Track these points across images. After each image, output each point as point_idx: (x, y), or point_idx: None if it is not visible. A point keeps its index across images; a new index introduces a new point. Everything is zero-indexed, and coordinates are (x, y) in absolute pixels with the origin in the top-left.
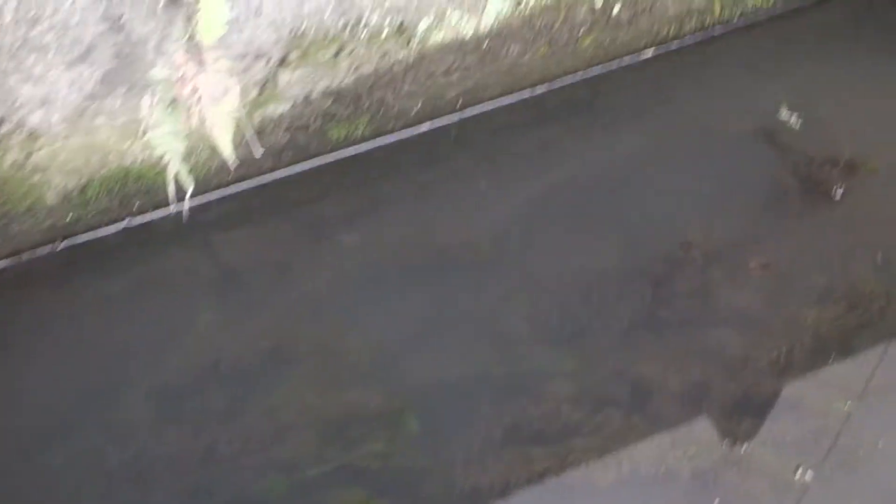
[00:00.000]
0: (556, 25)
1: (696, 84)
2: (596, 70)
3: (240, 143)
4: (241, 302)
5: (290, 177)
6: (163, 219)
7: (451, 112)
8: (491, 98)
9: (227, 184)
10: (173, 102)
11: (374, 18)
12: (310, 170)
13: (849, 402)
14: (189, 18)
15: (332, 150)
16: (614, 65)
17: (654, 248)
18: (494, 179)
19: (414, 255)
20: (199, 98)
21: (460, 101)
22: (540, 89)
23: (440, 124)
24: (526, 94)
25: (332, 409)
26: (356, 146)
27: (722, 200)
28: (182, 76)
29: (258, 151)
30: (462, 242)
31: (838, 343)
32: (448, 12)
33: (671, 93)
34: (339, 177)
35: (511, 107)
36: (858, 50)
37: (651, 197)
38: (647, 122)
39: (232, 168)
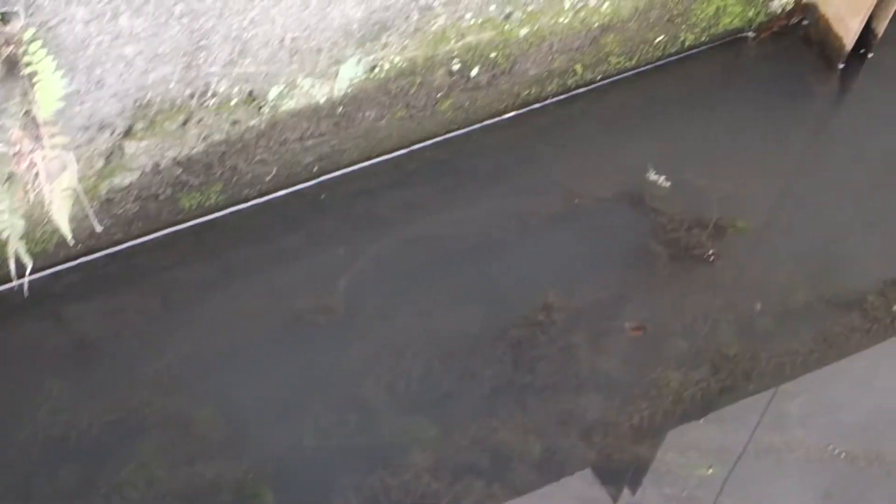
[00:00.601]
0: (413, 89)
1: (560, 145)
2: (457, 132)
3: (82, 217)
4: (92, 373)
5: (141, 245)
6: (9, 291)
7: (307, 178)
8: (349, 163)
9: (77, 255)
10: (10, 178)
11: (223, 87)
12: (162, 238)
13: (712, 468)
14: (25, 93)
15: (184, 219)
16: (475, 126)
17: (517, 312)
18: (354, 243)
19: (270, 323)
20: (36, 174)
21: (317, 167)
22: (400, 152)
23: (297, 190)
24: (385, 157)
25: (183, 483)
26: (211, 213)
27: (586, 263)
28: (18, 151)
29: (98, 226)
30: (320, 308)
31: (702, 407)
32: (299, 79)
33: (534, 154)
34: (193, 244)
35: (370, 170)
36: (724, 105)
37: (514, 259)
38: (509, 184)
39: (72, 243)
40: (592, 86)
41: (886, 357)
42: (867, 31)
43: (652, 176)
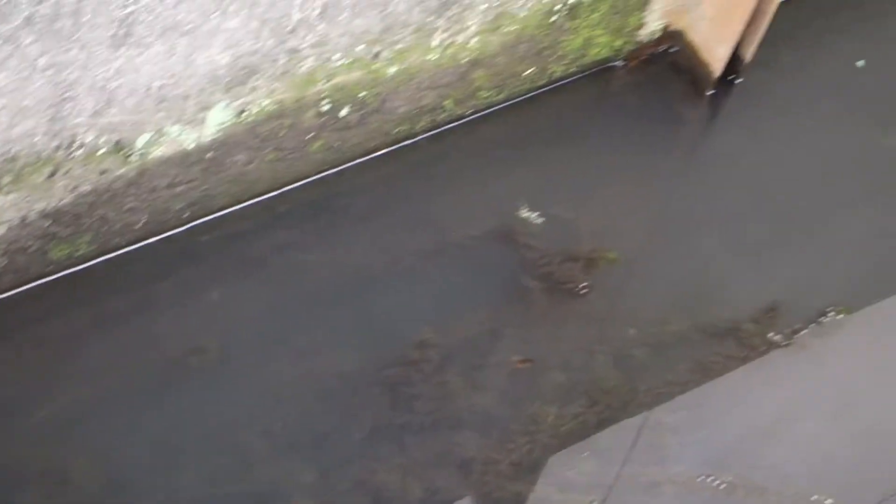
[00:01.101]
0: (283, 132)
1: (432, 181)
2: (328, 172)
3: None
4: None
5: (11, 299)
6: None
7: (179, 224)
8: (221, 207)
9: None
10: None
11: (90, 137)
12: (33, 290)
13: (594, 502)
14: None
15: (55, 270)
16: (347, 165)
17: (393, 350)
18: (228, 287)
19: (146, 370)
20: None
21: (188, 213)
22: (272, 194)
23: (169, 236)
24: (257, 200)
25: None
26: (81, 263)
27: (460, 299)
28: None
29: None
30: (196, 352)
31: (580, 440)
32: (167, 126)
33: (406, 191)
34: (65, 295)
35: (243, 213)
36: (595, 135)
37: (388, 297)
38: (382, 222)
39: None
40: (463, 120)
41: (763, 385)
42: (735, 57)
43: (524, 210)
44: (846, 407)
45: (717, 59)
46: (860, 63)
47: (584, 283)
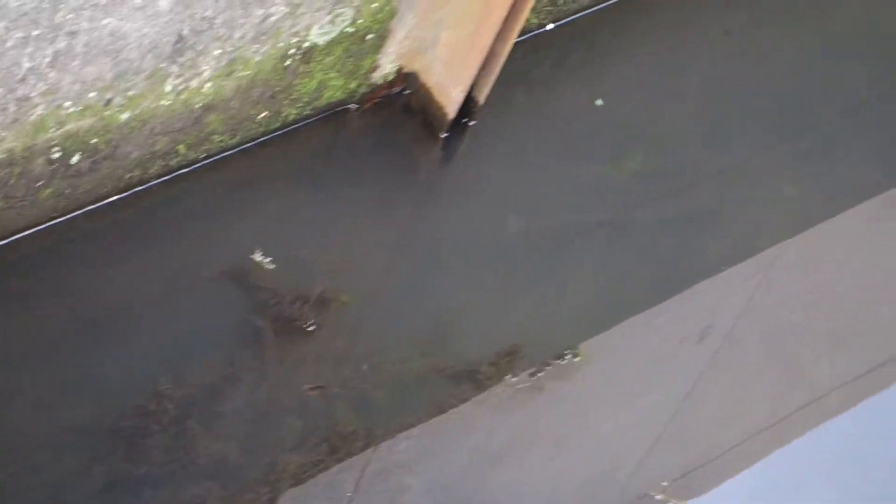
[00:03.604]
0: (13, 180)
1: (166, 227)
2: (60, 219)
3: None
4: None
5: None
6: None
7: None
8: None
9: None
10: None
11: None
12: None
13: None
14: None
15: None
16: (79, 212)
17: (128, 401)
18: None
19: None
20: None
21: None
22: (1, 243)
23: None
24: None
25: None
26: None
27: (195, 345)
28: None
29: None
30: None
31: (322, 488)
32: None
33: (139, 237)
34: None
35: None
36: (329, 177)
37: (122, 347)
38: (114, 269)
39: None
40: (197, 165)
41: (501, 428)
42: (469, 99)
43: (257, 252)
44: (570, 438)
45: (451, 101)
46: (599, 102)
47: (313, 322)
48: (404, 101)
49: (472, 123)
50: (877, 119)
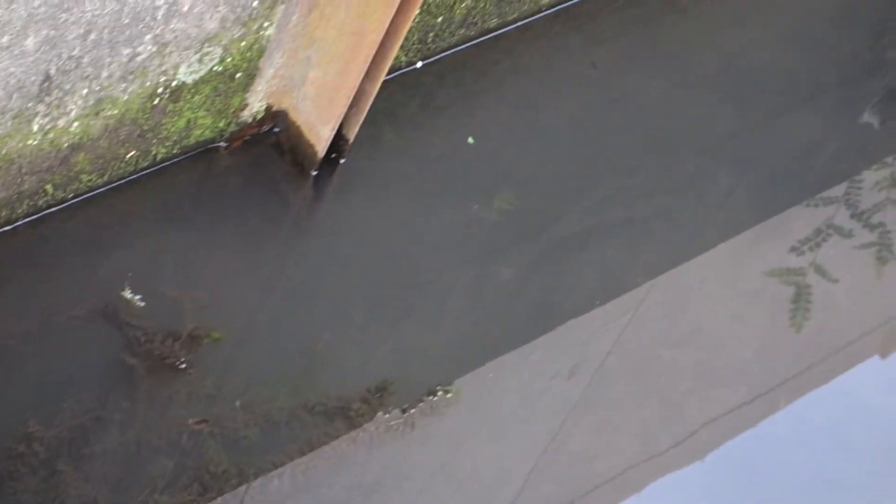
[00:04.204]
0: None
1: (34, 266)
2: None
3: None
4: None
5: None
6: None
7: None
8: None
9: None
10: None
11: None
12: None
13: None
14: None
15: None
16: None
17: None
18: None
19: None
20: None
21: None
22: None
23: None
24: None
25: None
26: None
27: (64, 385)
28: None
29: None
30: None
31: None
32: None
33: (7, 278)
34: None
35: None
36: (200, 216)
37: None
38: None
39: None
40: (65, 204)
41: (374, 464)
42: (339, 137)
43: (127, 291)
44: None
45: (320, 139)
46: (470, 140)
47: (185, 359)
48: (274, 140)
49: (342, 161)
50: (741, 155)
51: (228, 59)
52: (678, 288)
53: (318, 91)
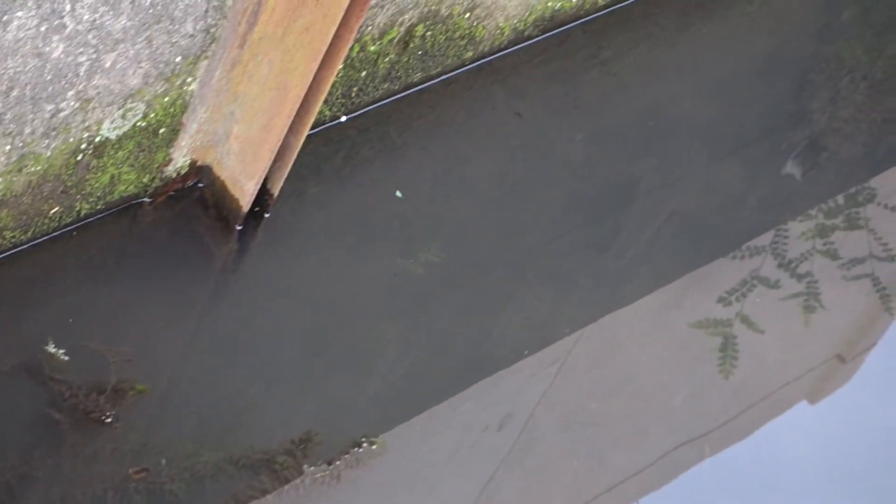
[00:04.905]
0: None
1: None
2: None
3: None
4: None
5: None
6: None
7: None
8: None
9: None
10: None
11: None
12: None
13: None
14: None
15: None
16: None
17: None
18: None
19: None
20: None
21: None
22: None
23: None
24: None
25: None
26: None
27: None
28: None
29: None
30: None
31: None
32: None
33: None
34: None
35: None
36: (125, 271)
37: None
38: None
39: None
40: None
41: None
42: (263, 191)
43: (51, 346)
44: None
45: (245, 193)
46: (399, 193)
47: (111, 413)
48: (199, 194)
49: (267, 215)
50: (665, 207)
51: (152, 115)
52: (606, 338)
53: (242, 146)
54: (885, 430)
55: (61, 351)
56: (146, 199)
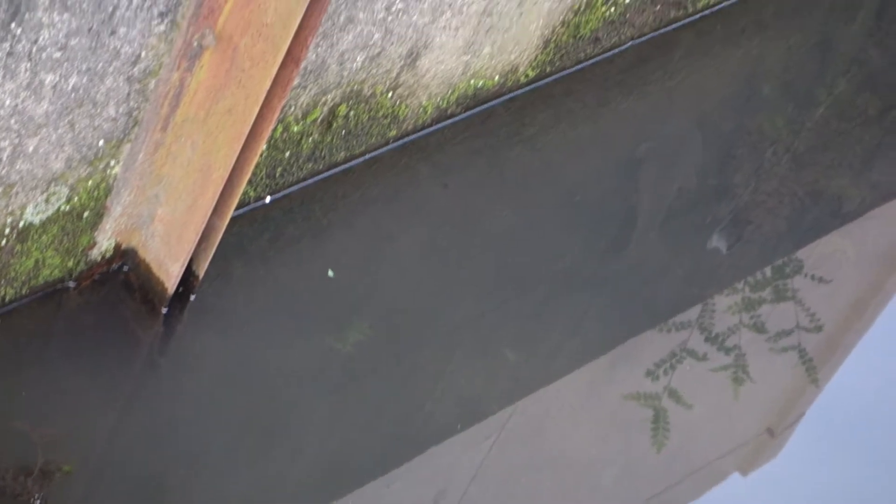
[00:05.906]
0: None
1: None
2: None
3: None
4: None
5: None
6: None
7: None
8: None
9: None
10: None
11: None
12: None
13: None
14: None
15: None
16: None
17: None
18: None
19: None
20: None
21: None
22: None
23: None
24: None
25: None
26: None
27: None
28: None
29: None
30: None
31: None
32: None
33: None
34: None
35: None
36: (51, 356)
37: None
38: None
39: None
40: None
41: None
42: (188, 273)
43: None
44: None
45: (169, 276)
46: (330, 273)
47: (38, 496)
48: (124, 278)
49: (192, 298)
50: (591, 281)
51: (76, 199)
52: (538, 412)
53: (166, 228)
54: (816, 500)
55: None
56: (71, 284)
